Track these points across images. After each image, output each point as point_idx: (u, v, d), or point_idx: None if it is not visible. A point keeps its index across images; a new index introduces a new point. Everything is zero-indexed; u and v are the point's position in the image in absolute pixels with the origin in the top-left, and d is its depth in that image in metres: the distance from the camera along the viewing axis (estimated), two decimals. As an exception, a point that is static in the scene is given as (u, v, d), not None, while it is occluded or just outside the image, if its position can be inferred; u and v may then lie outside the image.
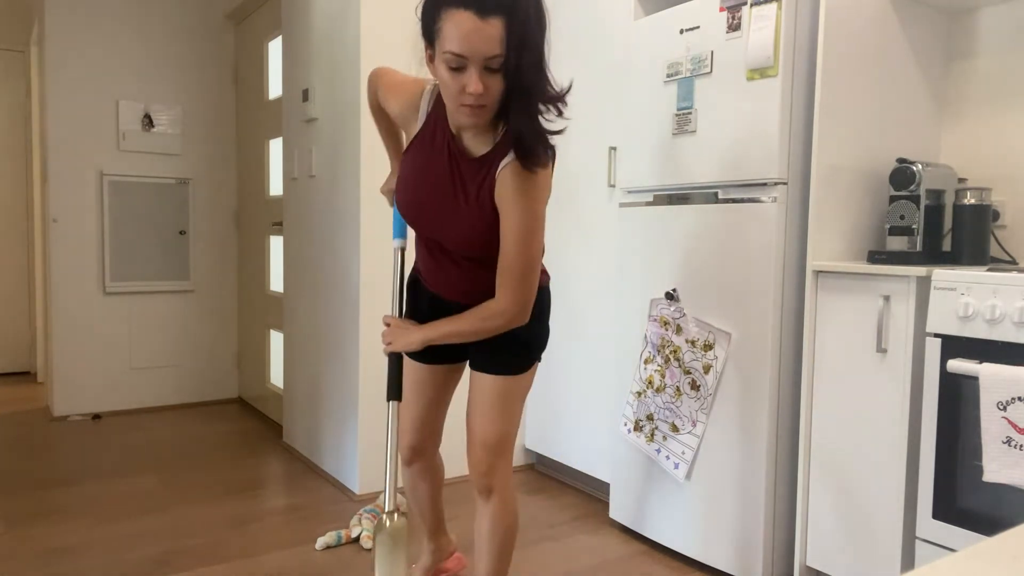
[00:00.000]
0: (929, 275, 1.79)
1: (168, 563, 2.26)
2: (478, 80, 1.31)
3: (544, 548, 2.41)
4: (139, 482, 2.97)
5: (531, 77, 1.31)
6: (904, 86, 2.19)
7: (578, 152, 2.86)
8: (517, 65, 1.29)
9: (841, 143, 2.04)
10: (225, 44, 4.34)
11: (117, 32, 4.01)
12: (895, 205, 2.02)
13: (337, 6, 2.90)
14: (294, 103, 3.33)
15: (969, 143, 2.26)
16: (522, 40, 1.28)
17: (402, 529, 1.65)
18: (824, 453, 2.00)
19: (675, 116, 2.29)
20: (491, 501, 1.69)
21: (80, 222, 3.96)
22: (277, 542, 2.42)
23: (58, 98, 3.87)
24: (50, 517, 2.60)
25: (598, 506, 2.78)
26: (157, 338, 4.19)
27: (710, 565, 2.22)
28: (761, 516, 2.07)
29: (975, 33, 2.24)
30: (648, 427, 2.38)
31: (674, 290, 2.30)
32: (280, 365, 3.82)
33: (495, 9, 1.27)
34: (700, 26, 2.20)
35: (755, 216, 2.07)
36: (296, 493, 2.88)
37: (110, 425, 3.84)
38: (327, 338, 3.04)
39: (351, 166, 2.81)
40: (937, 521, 1.76)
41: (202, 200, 4.30)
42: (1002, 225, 2.17)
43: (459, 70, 1.32)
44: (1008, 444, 1.59)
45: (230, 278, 4.43)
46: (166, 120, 4.16)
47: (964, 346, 1.71)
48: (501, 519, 1.69)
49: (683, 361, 2.26)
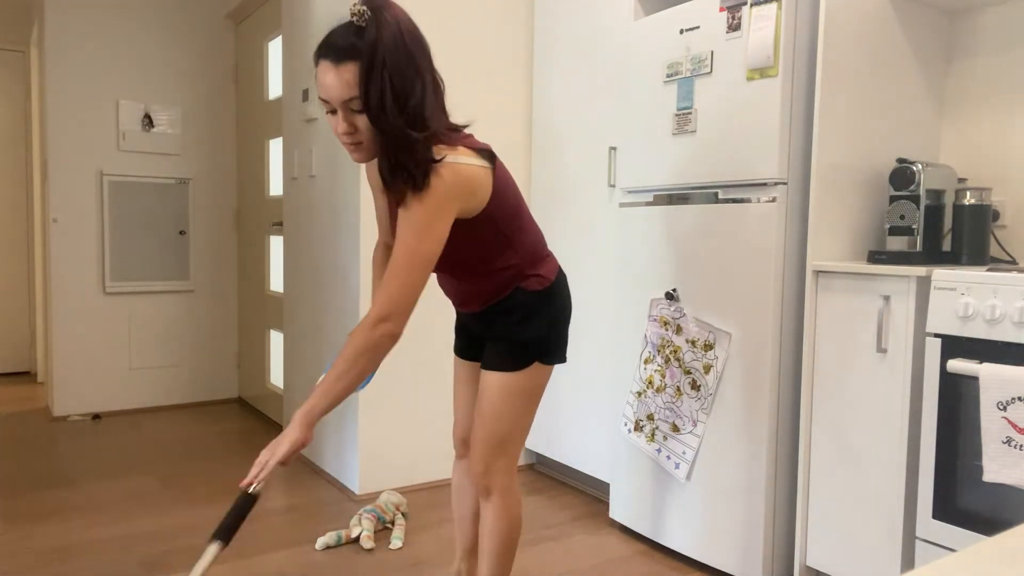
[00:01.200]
0: (929, 275, 1.79)
1: (168, 563, 2.26)
2: (341, 120, 1.44)
3: (544, 548, 2.41)
4: (139, 482, 2.97)
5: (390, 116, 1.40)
6: (904, 86, 2.19)
7: (578, 152, 2.86)
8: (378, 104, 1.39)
9: (841, 143, 2.05)
10: (225, 44, 4.34)
11: (117, 32, 4.01)
12: (895, 205, 2.02)
13: (337, 6, 2.90)
14: (294, 103, 3.33)
15: (969, 143, 2.26)
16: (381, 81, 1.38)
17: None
18: (824, 453, 2.00)
19: (675, 116, 2.29)
20: (490, 501, 1.70)
21: (80, 222, 3.96)
22: (277, 542, 2.42)
23: (58, 98, 3.87)
24: (50, 517, 2.60)
25: (598, 506, 2.78)
26: (157, 338, 4.19)
27: (710, 565, 2.22)
28: (761, 516, 2.07)
29: (975, 33, 2.24)
30: (648, 427, 2.38)
31: (674, 290, 2.30)
32: (280, 365, 3.83)
33: (348, 56, 1.39)
34: (700, 26, 2.20)
35: (755, 216, 2.07)
36: (296, 493, 2.88)
37: (110, 425, 3.84)
38: (327, 338, 3.04)
39: (351, 166, 2.81)
40: (937, 521, 1.76)
41: (202, 200, 4.30)
42: (1002, 225, 2.17)
43: (332, 113, 1.46)
44: (1008, 444, 1.59)
45: (230, 278, 4.43)
46: (166, 120, 4.16)
47: (964, 346, 1.71)
48: (499, 520, 1.70)
49: (683, 361, 2.26)
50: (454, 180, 1.47)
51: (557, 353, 1.70)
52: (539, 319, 1.66)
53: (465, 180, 1.49)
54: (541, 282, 1.66)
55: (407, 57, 1.42)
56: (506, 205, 1.60)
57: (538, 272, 1.66)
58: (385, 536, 2.47)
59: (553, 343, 1.69)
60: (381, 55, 1.38)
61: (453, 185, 1.47)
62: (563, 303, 1.71)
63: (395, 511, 2.57)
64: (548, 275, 1.68)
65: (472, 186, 1.51)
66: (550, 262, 1.72)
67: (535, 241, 1.69)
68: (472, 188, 1.51)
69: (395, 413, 2.87)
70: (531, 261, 1.66)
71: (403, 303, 1.45)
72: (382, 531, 2.51)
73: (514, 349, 1.66)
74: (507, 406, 1.66)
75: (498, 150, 3.05)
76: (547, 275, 1.68)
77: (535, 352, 1.66)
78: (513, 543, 1.73)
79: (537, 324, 1.66)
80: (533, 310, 1.65)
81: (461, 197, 1.49)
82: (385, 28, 1.39)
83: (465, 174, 1.49)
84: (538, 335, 1.66)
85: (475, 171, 1.51)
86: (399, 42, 1.41)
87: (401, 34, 1.41)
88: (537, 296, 1.65)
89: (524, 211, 1.68)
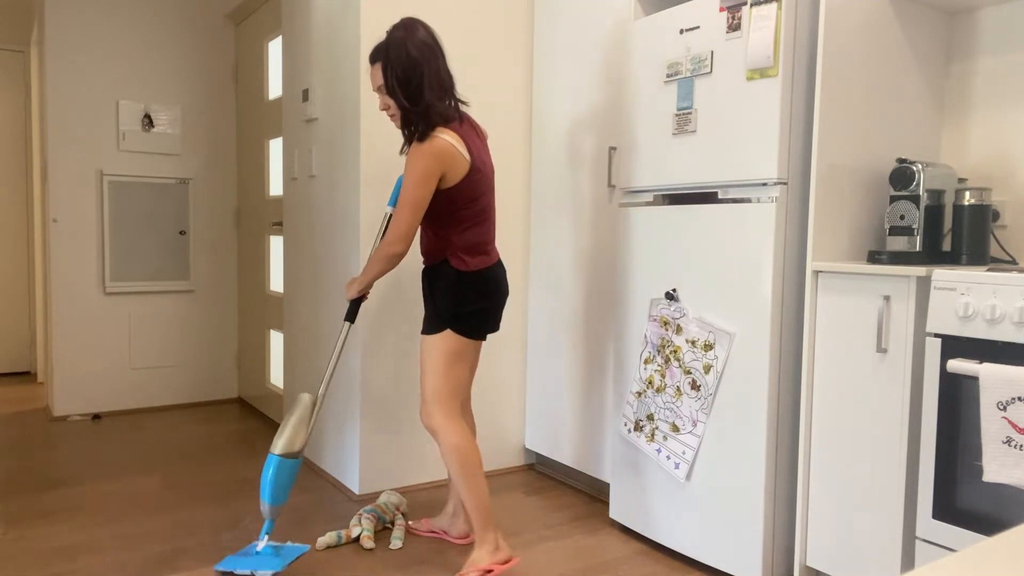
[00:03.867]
0: (929, 275, 1.79)
1: (168, 563, 2.26)
2: (381, 99, 2.19)
3: (544, 548, 2.41)
4: (139, 482, 2.97)
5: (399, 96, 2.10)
6: (904, 86, 2.19)
7: (578, 152, 2.86)
8: (391, 89, 2.11)
9: (841, 143, 2.05)
10: (225, 44, 4.34)
11: (117, 32, 4.01)
12: (895, 205, 2.02)
13: (337, 6, 2.90)
14: (294, 103, 3.33)
15: (969, 143, 2.26)
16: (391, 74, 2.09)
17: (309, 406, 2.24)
18: (824, 453, 2.00)
19: (675, 116, 2.29)
20: (437, 439, 2.17)
21: (80, 222, 3.96)
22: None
23: (58, 98, 3.87)
24: (50, 517, 2.60)
25: (598, 506, 2.78)
26: (157, 338, 4.19)
27: (710, 565, 2.22)
28: (761, 516, 2.07)
29: (975, 33, 2.24)
30: (648, 427, 2.38)
31: (674, 290, 2.30)
32: (280, 365, 3.83)
33: (373, 59, 2.19)
34: (700, 26, 2.20)
35: (755, 216, 2.07)
36: (296, 493, 2.88)
37: (110, 425, 3.84)
38: (327, 338, 3.04)
39: (351, 166, 2.81)
40: (937, 521, 1.76)
41: (202, 200, 4.30)
42: (1002, 225, 2.17)
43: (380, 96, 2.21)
44: (1008, 444, 1.59)
45: (230, 278, 4.43)
46: (166, 120, 4.16)
47: (964, 346, 1.71)
48: (448, 449, 2.14)
49: (683, 361, 2.26)
50: (441, 146, 2.05)
51: (469, 330, 2.15)
52: (451, 293, 2.12)
53: (447, 151, 2.05)
54: (463, 264, 2.12)
55: (408, 59, 2.08)
56: (469, 197, 2.10)
57: (464, 256, 2.13)
58: (385, 536, 2.47)
59: (463, 320, 2.13)
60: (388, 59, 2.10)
61: (439, 150, 2.05)
62: (475, 293, 2.13)
63: (395, 511, 2.57)
64: (472, 264, 2.13)
65: (452, 159, 2.06)
66: (481, 259, 2.15)
67: (480, 240, 2.15)
68: (451, 161, 2.06)
69: (395, 413, 2.87)
70: (465, 247, 2.13)
71: (401, 233, 2.07)
72: (382, 531, 2.51)
73: (431, 316, 2.18)
74: (429, 363, 2.16)
75: (498, 150, 3.06)
76: (471, 263, 2.13)
77: (446, 320, 2.13)
78: (468, 464, 2.13)
79: (449, 297, 2.12)
80: (449, 284, 2.13)
81: (443, 162, 2.05)
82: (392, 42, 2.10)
83: (447, 148, 2.05)
84: (447, 307, 2.13)
85: (456, 150, 2.07)
86: (402, 50, 2.08)
87: (405, 44, 2.08)
88: (456, 274, 2.12)
89: (482, 213, 2.14)
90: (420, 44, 2.10)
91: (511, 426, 3.17)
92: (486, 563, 2.14)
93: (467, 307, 2.13)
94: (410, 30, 2.11)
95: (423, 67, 2.08)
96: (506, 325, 3.11)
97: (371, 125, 2.75)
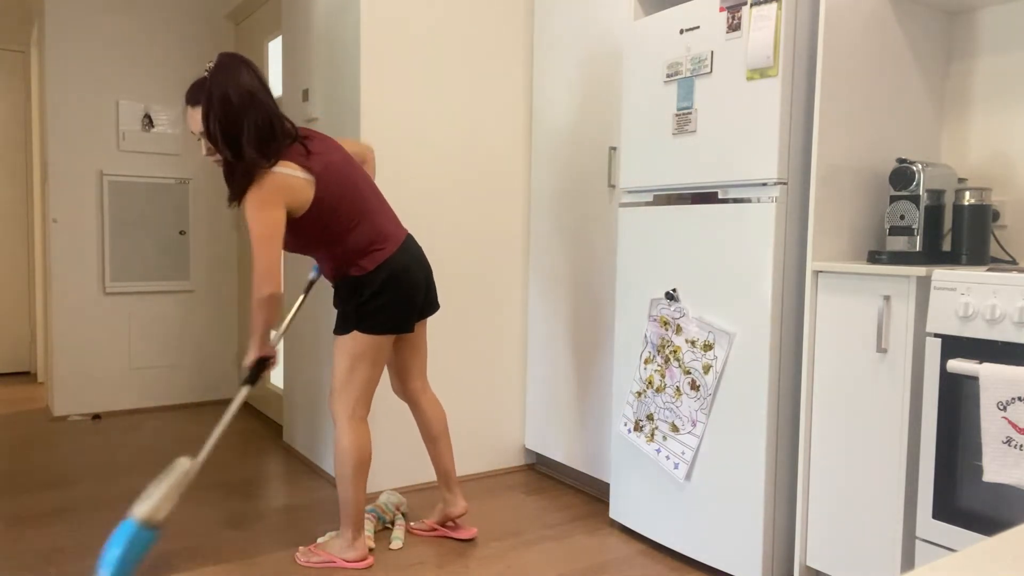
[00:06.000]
0: (929, 275, 1.79)
1: (168, 563, 2.26)
2: (203, 143, 2.08)
3: (544, 548, 2.41)
4: (139, 482, 2.97)
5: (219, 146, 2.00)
6: (904, 86, 2.19)
7: (578, 152, 2.86)
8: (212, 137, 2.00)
9: (841, 143, 2.05)
10: (225, 44, 4.34)
11: (117, 32, 4.01)
12: (895, 205, 2.02)
13: (337, 6, 2.90)
14: (294, 103, 3.33)
15: (969, 143, 2.26)
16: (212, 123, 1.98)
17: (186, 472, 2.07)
18: (824, 453, 2.00)
19: (675, 116, 2.29)
20: (335, 435, 2.21)
21: (80, 222, 3.96)
22: (277, 542, 2.42)
23: (58, 98, 3.87)
24: (50, 517, 2.60)
25: (598, 506, 2.78)
26: (157, 338, 4.19)
27: (710, 565, 2.22)
28: (761, 516, 2.07)
29: (975, 33, 2.24)
30: (648, 427, 2.38)
31: (674, 290, 2.30)
32: (280, 365, 3.82)
33: (192, 101, 2.08)
34: (700, 26, 2.20)
35: (755, 216, 2.07)
36: (296, 493, 2.88)
37: (110, 425, 3.84)
38: (327, 338, 3.04)
39: (351, 166, 2.81)
40: (937, 521, 1.76)
41: (202, 200, 4.30)
42: (1002, 225, 2.17)
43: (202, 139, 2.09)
44: (1008, 444, 1.59)
45: (230, 278, 4.43)
46: (166, 120, 4.16)
47: (964, 346, 1.71)
48: (339, 448, 2.19)
49: (683, 361, 2.26)
50: (270, 183, 1.99)
51: (372, 326, 2.16)
52: (355, 298, 2.15)
53: (280, 185, 2.00)
54: (359, 270, 2.14)
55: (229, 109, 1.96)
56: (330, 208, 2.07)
57: (359, 262, 2.13)
58: (385, 536, 2.47)
59: (367, 318, 2.15)
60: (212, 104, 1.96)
61: (269, 187, 1.98)
62: (372, 292, 2.13)
63: (395, 511, 2.57)
64: (367, 266, 2.13)
65: (290, 190, 2.01)
66: (375, 255, 2.14)
67: (369, 239, 2.13)
68: (290, 192, 2.01)
69: (394, 414, 2.87)
70: (357, 252, 2.13)
71: (262, 273, 2.01)
72: (382, 531, 2.51)
73: (339, 319, 2.21)
74: (338, 362, 2.20)
75: (498, 150, 3.05)
76: (366, 266, 2.13)
77: (352, 322, 2.16)
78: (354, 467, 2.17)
79: (353, 302, 2.15)
80: (350, 290, 2.16)
81: (280, 195, 2.00)
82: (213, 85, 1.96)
83: (280, 181, 1.99)
84: (353, 310, 2.15)
85: (292, 180, 2.01)
86: (224, 97, 1.95)
87: (226, 90, 1.95)
88: (356, 280, 2.14)
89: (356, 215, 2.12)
90: (243, 91, 1.96)
91: (511, 426, 3.17)
92: (333, 552, 2.24)
93: (368, 306, 2.14)
94: (231, 72, 1.96)
95: (244, 119, 1.96)
96: (506, 325, 3.11)
97: (371, 125, 2.75)
